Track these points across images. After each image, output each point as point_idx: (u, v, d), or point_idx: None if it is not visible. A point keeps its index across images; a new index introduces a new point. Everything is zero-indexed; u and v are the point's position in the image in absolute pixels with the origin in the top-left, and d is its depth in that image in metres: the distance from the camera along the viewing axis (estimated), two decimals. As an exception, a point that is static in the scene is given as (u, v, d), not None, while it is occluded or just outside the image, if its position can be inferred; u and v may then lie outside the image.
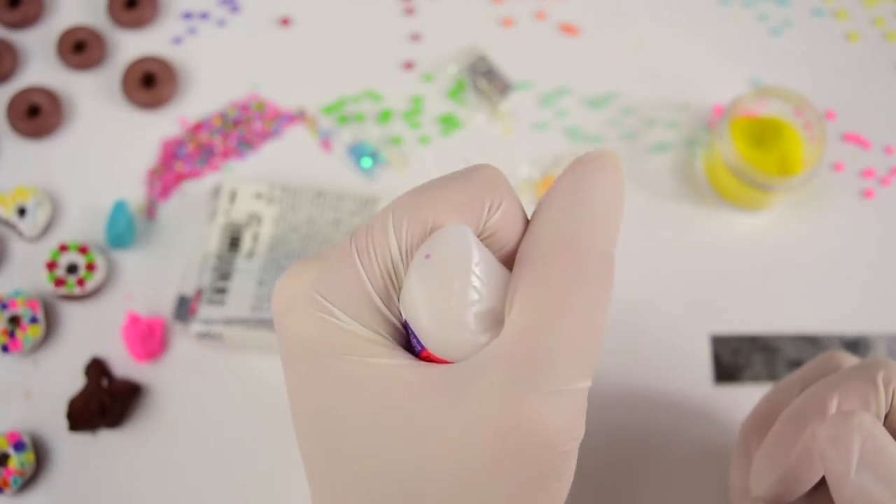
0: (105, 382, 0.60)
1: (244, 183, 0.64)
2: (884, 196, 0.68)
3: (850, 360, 0.47)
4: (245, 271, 0.61)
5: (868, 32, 0.73)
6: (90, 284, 0.62)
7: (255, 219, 0.63)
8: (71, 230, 0.65)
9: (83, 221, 0.66)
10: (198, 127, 0.68)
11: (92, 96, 0.69)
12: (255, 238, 0.63)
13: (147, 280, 0.64)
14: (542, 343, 0.32)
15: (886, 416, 0.42)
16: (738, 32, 0.73)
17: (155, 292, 0.64)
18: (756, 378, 0.63)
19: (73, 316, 0.63)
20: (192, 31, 0.72)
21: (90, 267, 0.62)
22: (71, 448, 0.60)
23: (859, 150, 0.69)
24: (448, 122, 0.69)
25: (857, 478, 0.38)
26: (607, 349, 0.63)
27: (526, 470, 0.33)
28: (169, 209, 0.66)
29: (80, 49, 0.69)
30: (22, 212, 0.64)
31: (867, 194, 0.68)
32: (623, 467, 0.61)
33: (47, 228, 0.65)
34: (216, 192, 0.64)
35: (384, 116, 0.69)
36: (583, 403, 0.33)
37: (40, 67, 0.70)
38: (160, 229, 0.66)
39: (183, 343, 0.62)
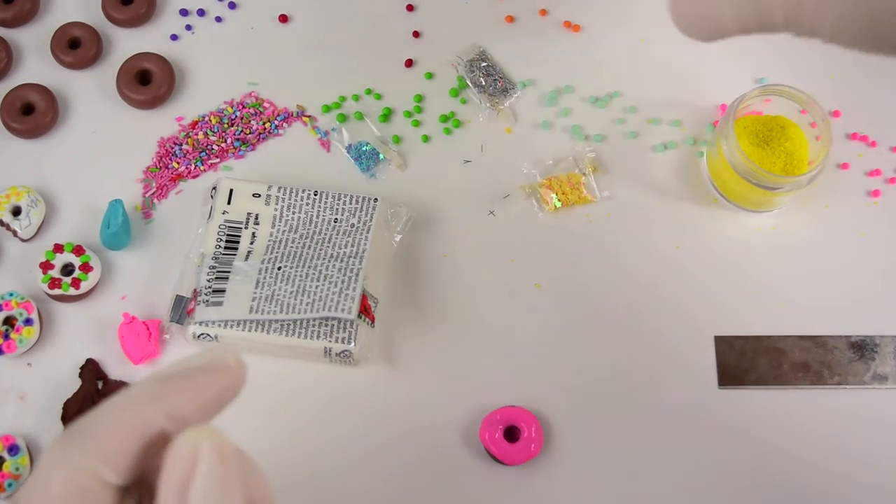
0: (100, 384, 0.60)
1: (242, 182, 0.63)
2: (890, 195, 0.67)
3: None
4: (242, 272, 0.60)
5: (874, 30, 0.72)
6: (85, 285, 0.62)
7: (252, 218, 0.62)
8: (66, 230, 0.65)
9: (78, 221, 0.65)
10: (195, 125, 0.68)
11: (87, 94, 0.69)
12: (253, 238, 0.62)
13: (143, 280, 0.63)
14: None
15: None
16: (743, 30, 0.72)
17: (151, 293, 0.63)
18: (761, 381, 0.62)
19: (68, 317, 0.62)
20: (189, 28, 0.71)
21: (85, 267, 0.62)
22: (66, 451, 0.59)
23: (865, 149, 0.68)
24: (448, 121, 0.68)
25: None
26: (609, 350, 0.62)
27: None
28: (165, 209, 0.66)
29: (75, 46, 0.69)
30: (16, 212, 0.64)
31: (874, 194, 0.67)
32: (624, 471, 0.60)
33: (42, 228, 0.64)
34: (213, 192, 0.63)
35: (384, 115, 0.68)
36: None
37: (35, 65, 0.69)
38: (156, 229, 0.65)
39: (179, 345, 0.62)
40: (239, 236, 0.62)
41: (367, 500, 0.59)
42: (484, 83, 0.69)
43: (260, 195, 0.63)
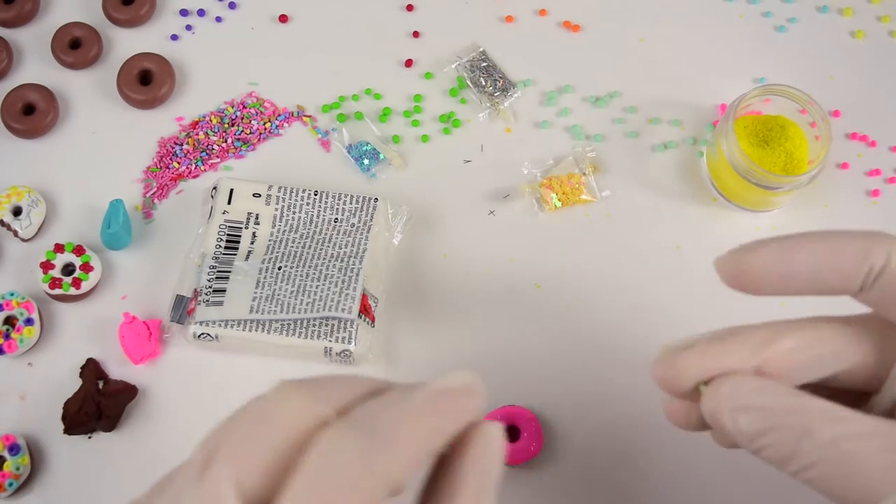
0: (101, 384, 0.60)
1: (242, 182, 0.63)
2: (890, 195, 0.67)
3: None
4: (243, 272, 0.60)
5: (874, 29, 0.72)
6: (86, 285, 0.62)
7: (253, 218, 0.62)
8: (66, 230, 0.65)
9: (79, 221, 0.65)
10: (195, 125, 0.68)
11: (87, 95, 0.69)
12: (253, 238, 0.62)
13: (143, 280, 0.64)
14: None
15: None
16: (743, 29, 0.72)
17: (151, 293, 0.63)
18: (761, 380, 0.62)
19: (69, 317, 0.62)
20: (189, 28, 0.71)
21: (86, 267, 0.62)
22: (66, 450, 0.59)
23: (865, 149, 0.68)
24: (448, 121, 0.68)
25: None
26: (609, 350, 0.62)
27: None
28: (166, 209, 0.66)
29: (75, 47, 0.69)
30: (17, 212, 0.64)
31: (873, 194, 0.67)
32: (624, 471, 0.60)
33: (42, 228, 0.64)
34: (214, 192, 0.63)
35: (384, 115, 0.68)
36: None
37: (35, 65, 0.69)
38: (157, 229, 0.65)
39: (180, 344, 0.62)
40: (239, 236, 0.62)
41: (368, 500, 0.59)
42: (484, 83, 0.69)
43: (260, 195, 0.63)
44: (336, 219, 0.63)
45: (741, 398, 0.39)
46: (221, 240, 0.62)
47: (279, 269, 0.61)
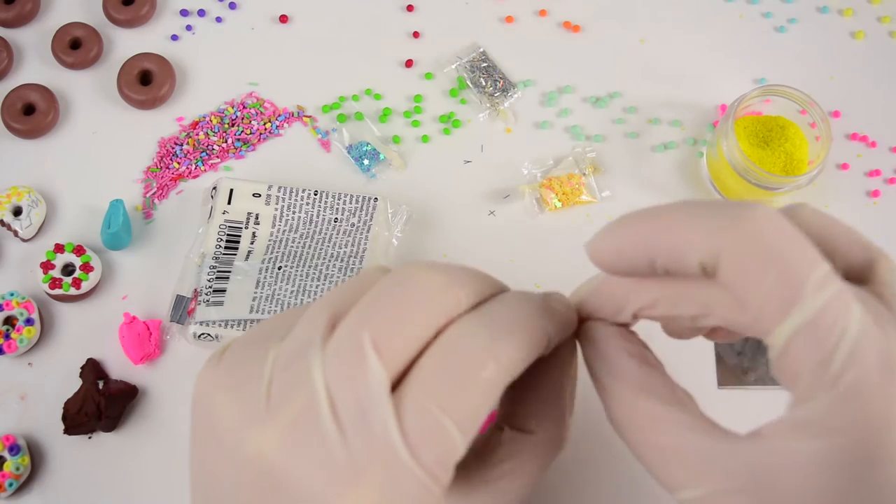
0: (101, 384, 0.60)
1: (242, 182, 0.63)
2: (890, 195, 0.67)
3: None
4: (243, 272, 0.60)
5: (874, 30, 0.72)
6: (86, 285, 0.62)
7: (252, 218, 0.62)
8: (66, 230, 0.65)
9: (79, 221, 0.65)
10: (195, 126, 0.68)
11: (88, 95, 0.69)
12: (253, 238, 0.62)
13: (144, 281, 0.64)
14: None
15: None
16: (743, 30, 0.72)
17: (152, 293, 0.63)
18: (762, 381, 0.62)
19: (69, 317, 0.63)
20: (190, 28, 0.71)
21: (86, 267, 0.62)
22: (66, 451, 0.59)
23: (865, 150, 0.68)
24: (448, 121, 0.68)
25: None
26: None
27: None
28: (166, 209, 0.66)
29: (75, 47, 0.69)
30: (17, 212, 0.64)
31: (873, 194, 0.67)
32: (621, 472, 0.60)
33: (42, 228, 0.64)
34: (214, 192, 0.63)
35: (384, 115, 0.68)
36: None
37: (35, 66, 0.69)
38: (157, 229, 0.65)
39: (180, 344, 0.62)
40: (239, 236, 0.62)
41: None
42: (484, 83, 0.69)
43: (260, 195, 0.63)
44: (336, 219, 0.63)
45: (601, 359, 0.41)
46: (221, 240, 0.62)
47: (279, 268, 0.61)
